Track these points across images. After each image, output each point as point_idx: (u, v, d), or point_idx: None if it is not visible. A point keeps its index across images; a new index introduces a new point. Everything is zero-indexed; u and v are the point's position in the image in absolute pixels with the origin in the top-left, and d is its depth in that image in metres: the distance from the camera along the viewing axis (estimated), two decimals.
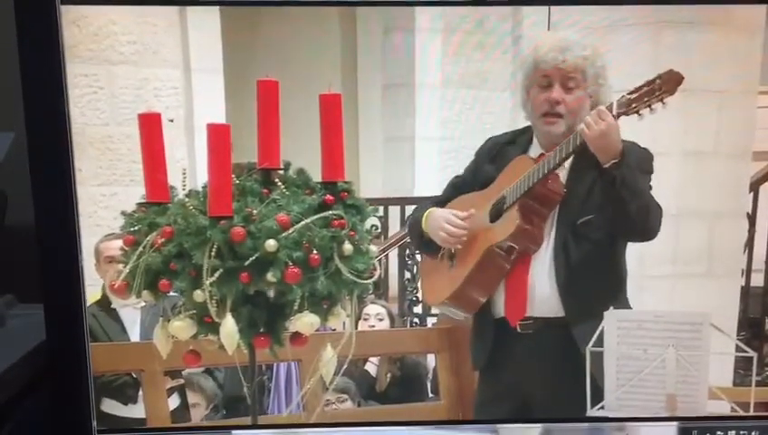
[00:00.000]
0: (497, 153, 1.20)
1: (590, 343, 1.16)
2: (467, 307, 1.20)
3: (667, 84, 1.07)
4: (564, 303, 1.17)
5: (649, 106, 1.07)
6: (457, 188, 1.23)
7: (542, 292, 1.17)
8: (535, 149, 1.19)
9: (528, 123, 1.19)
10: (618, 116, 1.09)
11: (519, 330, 1.19)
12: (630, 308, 1.19)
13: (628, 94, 1.09)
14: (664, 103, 1.07)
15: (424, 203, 1.24)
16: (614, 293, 1.19)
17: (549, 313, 1.18)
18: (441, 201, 1.23)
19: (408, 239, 1.32)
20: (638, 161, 1.14)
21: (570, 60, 1.12)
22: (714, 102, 1.18)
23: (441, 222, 1.19)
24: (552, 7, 1.12)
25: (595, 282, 1.18)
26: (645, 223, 1.14)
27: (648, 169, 1.15)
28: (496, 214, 1.17)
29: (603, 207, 1.15)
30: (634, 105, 1.08)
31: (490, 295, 1.19)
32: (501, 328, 1.20)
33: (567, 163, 1.14)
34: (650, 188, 1.15)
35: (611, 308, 1.16)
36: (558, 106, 1.14)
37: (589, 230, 1.15)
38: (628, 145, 1.12)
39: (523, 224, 1.13)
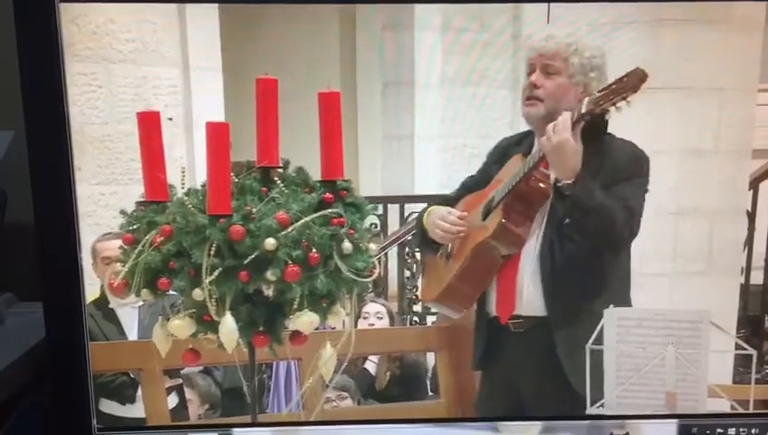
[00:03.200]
0: (504, 153, 1.21)
1: (590, 342, 1.16)
2: (458, 305, 1.20)
3: (630, 82, 1.06)
4: (547, 303, 1.17)
5: (614, 104, 1.07)
6: (468, 188, 1.23)
7: (529, 291, 1.17)
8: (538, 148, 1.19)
9: None
10: (586, 115, 1.09)
11: (512, 328, 1.19)
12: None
13: (598, 92, 1.09)
14: (628, 102, 1.06)
15: (435, 201, 1.25)
16: (604, 294, 1.18)
17: (535, 312, 1.18)
18: (451, 199, 1.24)
19: (409, 237, 1.33)
20: (613, 171, 1.13)
21: (551, 45, 1.13)
22: (713, 100, 1.18)
23: (436, 219, 1.21)
24: (552, 4, 1.12)
25: (579, 284, 1.17)
26: (605, 239, 1.14)
27: (633, 174, 1.14)
28: (487, 212, 1.17)
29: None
30: (601, 102, 1.07)
31: (481, 293, 1.19)
32: (494, 326, 1.21)
33: None
34: (646, 191, 1.15)
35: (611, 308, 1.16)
36: (536, 90, 1.14)
37: (573, 232, 1.15)
38: (619, 145, 1.11)
39: (504, 223, 1.13)
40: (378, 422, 1.24)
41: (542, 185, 1.14)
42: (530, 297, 1.18)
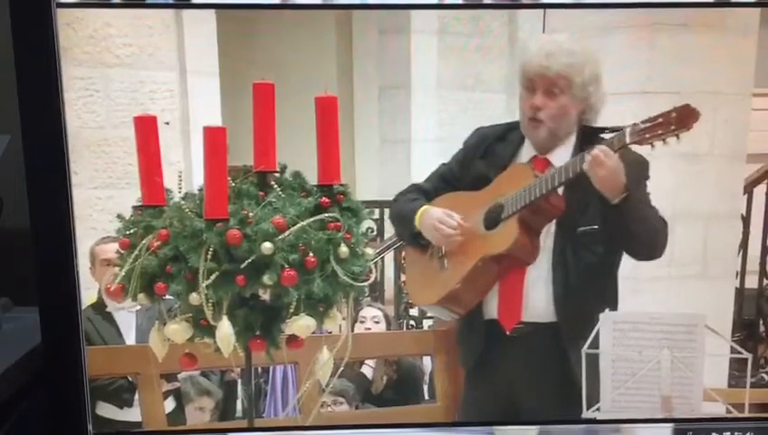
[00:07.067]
0: (487, 149, 1.20)
1: (586, 346, 1.17)
2: (459, 309, 1.19)
3: (683, 120, 1.07)
4: (558, 310, 1.17)
5: (663, 139, 1.08)
6: (446, 180, 1.21)
7: (538, 298, 1.17)
8: (528, 149, 1.19)
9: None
10: (630, 144, 1.09)
11: (510, 333, 1.19)
12: None
13: (642, 123, 1.09)
14: (678, 138, 1.07)
15: (409, 190, 1.22)
16: (609, 301, 1.19)
17: (541, 318, 1.18)
18: (428, 190, 1.22)
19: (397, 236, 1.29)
20: (636, 176, 1.13)
21: (554, 67, 1.12)
22: (708, 104, 1.18)
23: (434, 222, 1.19)
24: (548, 10, 1.13)
25: (591, 291, 1.18)
26: (653, 247, 1.15)
27: (645, 176, 1.15)
28: (492, 222, 1.16)
29: (606, 220, 1.15)
30: (648, 136, 1.08)
31: (483, 298, 1.19)
32: (491, 329, 1.20)
33: None
34: (647, 194, 1.16)
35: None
36: (539, 112, 1.14)
37: (589, 240, 1.15)
38: (624, 154, 1.12)
39: (521, 237, 1.13)
40: (375, 427, 1.24)
41: (559, 203, 1.14)
42: (537, 304, 1.18)
